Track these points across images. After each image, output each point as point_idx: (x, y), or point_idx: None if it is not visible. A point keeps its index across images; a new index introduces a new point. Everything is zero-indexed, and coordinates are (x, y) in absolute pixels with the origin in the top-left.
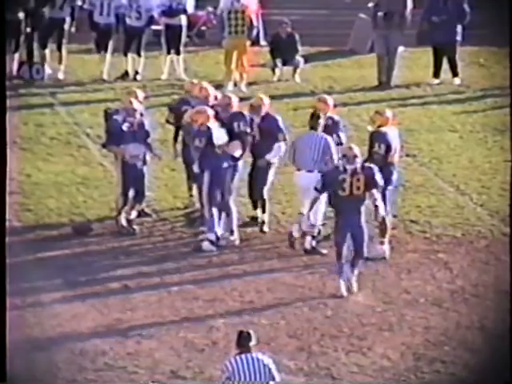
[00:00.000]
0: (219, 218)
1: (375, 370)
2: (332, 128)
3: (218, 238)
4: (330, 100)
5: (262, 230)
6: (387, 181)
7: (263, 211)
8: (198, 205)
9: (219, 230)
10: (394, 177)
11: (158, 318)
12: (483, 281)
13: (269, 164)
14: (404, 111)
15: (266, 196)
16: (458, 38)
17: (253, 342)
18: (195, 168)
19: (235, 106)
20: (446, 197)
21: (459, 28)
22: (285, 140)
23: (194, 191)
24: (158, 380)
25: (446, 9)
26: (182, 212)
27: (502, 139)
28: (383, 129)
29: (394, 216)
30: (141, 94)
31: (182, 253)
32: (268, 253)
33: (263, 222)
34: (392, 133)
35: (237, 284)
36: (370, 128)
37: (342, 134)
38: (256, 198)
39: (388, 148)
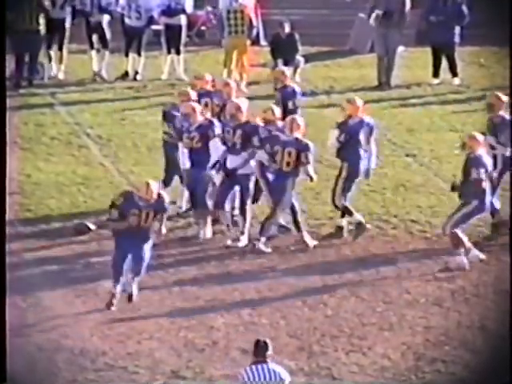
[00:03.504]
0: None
1: (376, 370)
2: (367, 129)
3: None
4: (360, 101)
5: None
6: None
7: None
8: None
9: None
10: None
11: (158, 318)
12: (483, 281)
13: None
14: (404, 111)
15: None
16: (456, 39)
17: (269, 352)
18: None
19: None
20: (447, 197)
21: (457, 29)
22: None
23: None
24: (158, 380)
25: (444, 9)
26: (182, 212)
27: None
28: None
29: (395, 216)
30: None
31: (183, 253)
32: (269, 253)
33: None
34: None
35: (237, 284)
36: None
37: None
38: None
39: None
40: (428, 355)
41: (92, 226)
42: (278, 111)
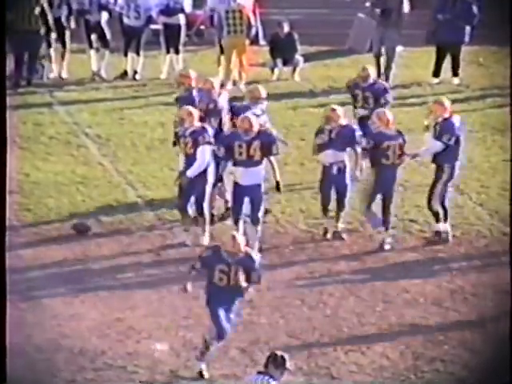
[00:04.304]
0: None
1: (374, 370)
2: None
3: None
4: (447, 102)
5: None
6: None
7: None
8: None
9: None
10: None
11: (157, 318)
12: (483, 280)
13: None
14: (403, 110)
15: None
16: (466, 38)
17: (272, 366)
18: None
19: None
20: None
21: (467, 28)
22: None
23: None
24: (158, 380)
25: (453, 8)
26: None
27: (501, 139)
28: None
29: (394, 215)
30: None
31: (182, 253)
32: (268, 252)
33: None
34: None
35: None
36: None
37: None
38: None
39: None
40: (427, 355)
41: (92, 226)
42: (340, 110)
